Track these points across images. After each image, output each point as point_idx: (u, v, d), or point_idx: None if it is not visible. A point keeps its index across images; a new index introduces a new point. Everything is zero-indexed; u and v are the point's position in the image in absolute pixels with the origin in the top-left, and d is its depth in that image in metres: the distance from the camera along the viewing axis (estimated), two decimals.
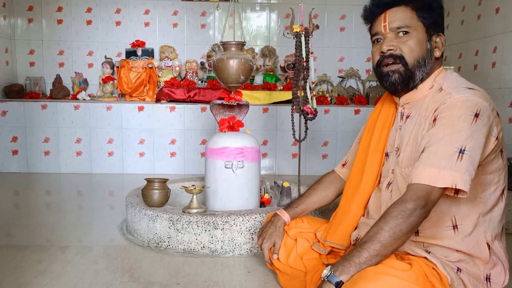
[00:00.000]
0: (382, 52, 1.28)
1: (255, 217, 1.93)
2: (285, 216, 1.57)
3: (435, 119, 1.16)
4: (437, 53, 1.28)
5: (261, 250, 1.56)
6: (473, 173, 1.09)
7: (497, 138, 1.16)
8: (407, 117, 1.31)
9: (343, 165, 1.62)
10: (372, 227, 1.12)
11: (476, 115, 1.10)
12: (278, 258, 1.52)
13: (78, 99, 4.05)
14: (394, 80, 1.27)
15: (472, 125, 1.09)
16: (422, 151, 1.14)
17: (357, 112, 3.88)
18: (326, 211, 2.11)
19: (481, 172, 1.18)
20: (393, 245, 1.09)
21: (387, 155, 1.37)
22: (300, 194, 1.87)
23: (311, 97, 2.24)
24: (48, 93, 4.32)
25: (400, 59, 1.25)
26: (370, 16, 1.33)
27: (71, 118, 3.79)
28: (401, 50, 1.25)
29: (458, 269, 1.18)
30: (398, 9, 1.26)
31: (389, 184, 1.33)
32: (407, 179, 1.23)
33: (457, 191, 1.09)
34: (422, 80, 1.27)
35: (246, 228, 1.93)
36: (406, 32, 1.25)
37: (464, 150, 1.08)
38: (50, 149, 3.80)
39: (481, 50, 3.67)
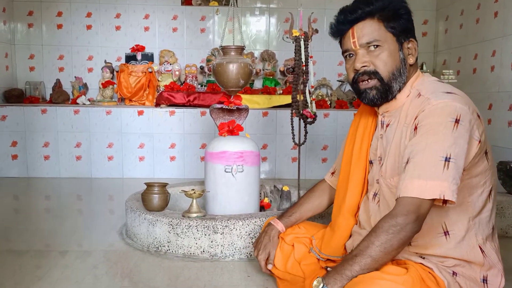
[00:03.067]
0: (355, 69, 1.26)
1: (255, 221, 1.93)
2: (279, 225, 1.57)
3: (416, 128, 1.15)
4: (411, 60, 1.26)
5: (257, 261, 1.56)
6: (459, 181, 1.08)
7: (479, 141, 1.14)
8: (387, 125, 1.29)
9: (332, 173, 1.62)
10: (363, 240, 1.11)
11: (457, 121, 1.08)
12: (274, 266, 1.52)
13: (78, 103, 4.06)
14: (373, 96, 1.26)
15: (454, 131, 1.08)
16: (407, 162, 1.12)
17: None
18: (326, 215, 2.10)
19: (467, 176, 1.16)
20: (384, 259, 1.08)
21: (371, 162, 1.37)
22: (298, 199, 1.87)
23: (311, 101, 2.24)
24: (48, 98, 4.32)
25: (374, 74, 1.23)
26: (338, 33, 1.31)
27: (71, 122, 3.79)
28: (375, 65, 1.23)
29: (454, 273, 1.17)
30: (364, 23, 1.23)
31: (375, 195, 1.32)
32: (393, 190, 1.23)
33: (445, 200, 1.08)
34: (400, 90, 1.25)
35: (246, 232, 1.92)
36: (377, 46, 1.22)
37: (449, 158, 1.06)
38: (50, 153, 3.80)
39: (480, 54, 3.67)
